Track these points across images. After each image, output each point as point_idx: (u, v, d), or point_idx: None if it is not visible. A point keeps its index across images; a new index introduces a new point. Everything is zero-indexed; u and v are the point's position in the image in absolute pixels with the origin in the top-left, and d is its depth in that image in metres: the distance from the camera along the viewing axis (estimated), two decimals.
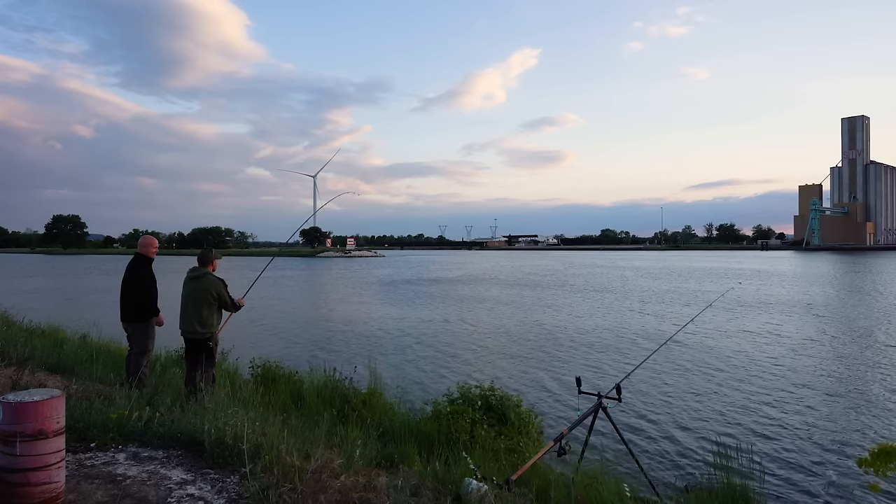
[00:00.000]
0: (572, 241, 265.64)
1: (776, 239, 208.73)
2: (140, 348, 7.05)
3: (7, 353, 7.89)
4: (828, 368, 14.68)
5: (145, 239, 7.44)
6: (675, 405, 11.47)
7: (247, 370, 9.25)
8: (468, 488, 4.18)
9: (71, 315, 20.42)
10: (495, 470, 5.15)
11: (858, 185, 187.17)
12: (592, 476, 4.99)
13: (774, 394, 12.24)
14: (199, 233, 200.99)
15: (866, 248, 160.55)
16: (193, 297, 6.68)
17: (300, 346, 18.80)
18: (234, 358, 10.00)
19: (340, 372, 8.57)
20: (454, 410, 7.01)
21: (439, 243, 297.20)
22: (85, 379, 7.32)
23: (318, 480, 3.85)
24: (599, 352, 17.35)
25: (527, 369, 14.94)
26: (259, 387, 7.88)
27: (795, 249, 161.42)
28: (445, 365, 15.63)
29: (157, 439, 4.84)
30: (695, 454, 8.83)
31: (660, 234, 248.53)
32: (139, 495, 3.80)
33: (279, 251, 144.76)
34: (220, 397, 5.58)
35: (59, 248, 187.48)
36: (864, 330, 20.78)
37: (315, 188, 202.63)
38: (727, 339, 19.12)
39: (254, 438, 4.43)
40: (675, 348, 16.72)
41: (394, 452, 5.48)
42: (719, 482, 5.59)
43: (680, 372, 14.31)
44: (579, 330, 21.63)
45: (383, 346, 18.64)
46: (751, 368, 14.71)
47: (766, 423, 10.29)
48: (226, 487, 4.03)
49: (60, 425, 3.39)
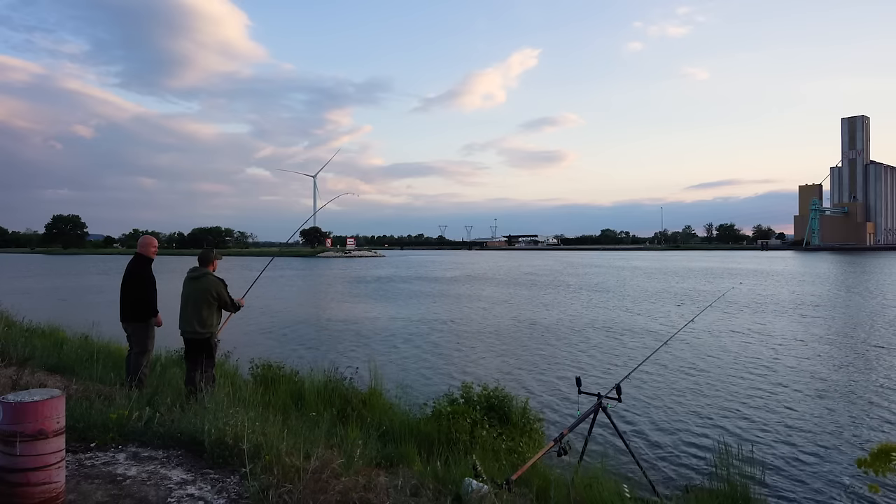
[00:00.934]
0: (572, 241, 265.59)
1: (776, 239, 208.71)
2: (140, 348, 7.05)
3: (7, 353, 7.89)
4: (828, 368, 14.68)
5: (145, 239, 7.45)
6: (676, 405, 11.47)
7: (247, 370, 9.26)
8: (468, 488, 4.18)
9: (71, 315, 20.42)
10: (495, 470, 5.15)
11: (858, 185, 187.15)
12: (592, 476, 4.99)
13: (774, 394, 12.24)
14: (199, 233, 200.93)
15: (866, 248, 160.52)
16: (193, 297, 6.68)
17: (300, 346, 18.79)
18: (235, 358, 10.01)
19: (340, 372, 8.58)
20: (454, 410, 7.01)
21: (439, 243, 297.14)
22: (85, 379, 7.33)
23: (318, 480, 3.85)
24: (599, 352, 17.35)
25: (526, 369, 14.94)
26: (259, 387, 7.89)
27: (795, 249, 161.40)
28: (445, 365, 15.63)
29: (157, 439, 4.84)
30: (695, 454, 8.83)
31: (660, 234, 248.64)
32: (139, 495, 3.80)
33: (279, 251, 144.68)
34: (220, 397, 5.58)
35: (59, 248, 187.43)
36: (864, 330, 20.78)
37: (315, 188, 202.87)
38: (727, 339, 19.12)
39: (254, 438, 4.43)
40: (676, 348, 16.72)
41: (394, 452, 5.48)
42: (719, 482, 5.59)
43: (680, 372, 14.31)
44: (579, 330, 21.63)
45: (383, 346, 18.64)
46: (751, 368, 14.70)
47: (766, 423, 10.29)
48: (226, 487, 4.03)
49: (60, 425, 3.39)
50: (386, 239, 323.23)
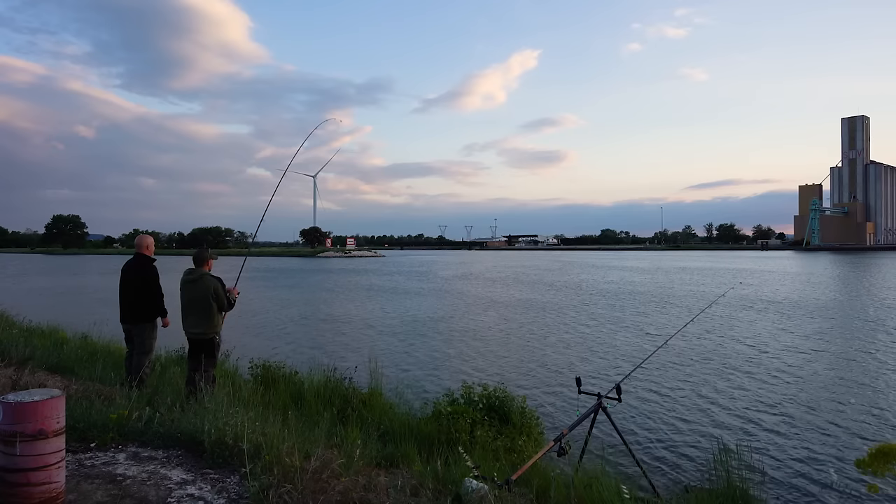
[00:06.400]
0: (572, 241, 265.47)
1: (776, 239, 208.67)
2: (143, 349, 7.04)
3: (7, 353, 7.89)
4: (828, 368, 14.68)
5: (145, 239, 7.40)
6: (676, 405, 11.47)
7: (247, 370, 9.25)
8: (468, 488, 4.18)
9: (71, 315, 20.41)
10: (495, 470, 5.15)
11: (858, 185, 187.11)
12: (592, 476, 4.98)
13: (774, 394, 12.24)
14: (199, 233, 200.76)
15: (866, 248, 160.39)
16: (195, 299, 6.68)
17: (300, 345, 18.79)
18: (235, 358, 10.01)
19: (340, 372, 8.57)
20: (454, 410, 7.01)
21: (439, 243, 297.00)
22: (85, 379, 7.32)
23: (318, 480, 3.85)
24: (599, 352, 17.34)
25: (526, 369, 14.94)
26: (259, 387, 7.88)
27: (795, 249, 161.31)
28: (445, 364, 15.62)
29: (157, 439, 4.83)
30: (695, 454, 8.83)
31: (660, 234, 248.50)
32: (139, 495, 3.80)
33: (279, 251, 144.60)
34: (220, 397, 5.58)
35: (59, 248, 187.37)
36: (863, 330, 20.77)
37: (315, 188, 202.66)
38: (727, 339, 19.11)
39: (254, 438, 4.43)
40: (676, 348, 16.72)
41: (394, 452, 5.48)
42: (719, 482, 5.58)
43: (680, 372, 14.31)
44: (579, 330, 21.62)
45: (383, 345, 18.63)
46: (751, 368, 14.70)
47: (766, 423, 10.29)
48: (226, 487, 4.03)
49: (60, 425, 3.39)
50: (386, 239, 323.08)
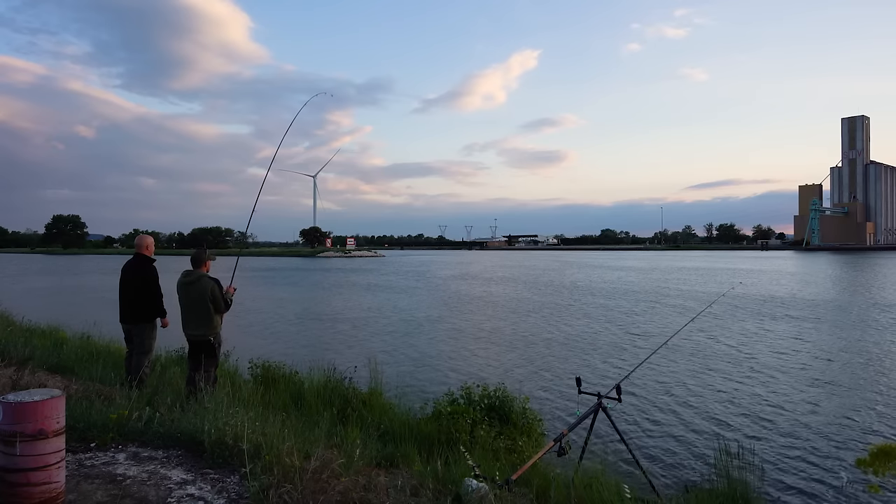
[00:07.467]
0: (572, 241, 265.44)
1: (776, 239, 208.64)
2: (143, 349, 7.04)
3: (7, 353, 7.88)
4: (827, 368, 14.68)
5: (145, 239, 7.39)
6: (676, 405, 11.47)
7: (247, 370, 9.25)
8: (468, 488, 4.18)
9: (71, 315, 20.41)
10: (495, 470, 5.15)
11: (858, 185, 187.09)
12: (592, 476, 4.98)
13: (774, 394, 12.24)
14: (199, 233, 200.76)
15: (866, 248, 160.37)
16: (193, 300, 6.68)
17: (300, 345, 18.79)
18: (235, 358, 10.00)
19: (340, 372, 8.56)
20: (454, 410, 7.01)
21: (439, 243, 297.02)
22: (85, 379, 7.32)
23: (318, 480, 3.85)
24: (599, 352, 17.34)
25: (527, 369, 14.94)
26: (259, 387, 7.88)
27: (795, 249, 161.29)
28: (445, 364, 15.62)
29: (157, 439, 4.83)
30: (695, 454, 8.83)
31: (660, 234, 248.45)
32: (139, 495, 3.80)
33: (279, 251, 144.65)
34: (220, 397, 5.58)
35: (59, 248, 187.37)
36: (863, 330, 20.77)
37: (315, 188, 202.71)
38: (727, 338, 19.11)
39: (254, 438, 4.43)
40: (676, 348, 16.72)
41: (394, 452, 5.47)
42: (719, 482, 5.58)
43: (680, 372, 14.31)
44: (578, 330, 21.62)
45: (383, 345, 18.63)
46: (751, 368, 14.70)
47: (766, 423, 10.29)
48: (226, 487, 4.03)
49: (60, 425, 3.39)
50: (386, 239, 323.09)
